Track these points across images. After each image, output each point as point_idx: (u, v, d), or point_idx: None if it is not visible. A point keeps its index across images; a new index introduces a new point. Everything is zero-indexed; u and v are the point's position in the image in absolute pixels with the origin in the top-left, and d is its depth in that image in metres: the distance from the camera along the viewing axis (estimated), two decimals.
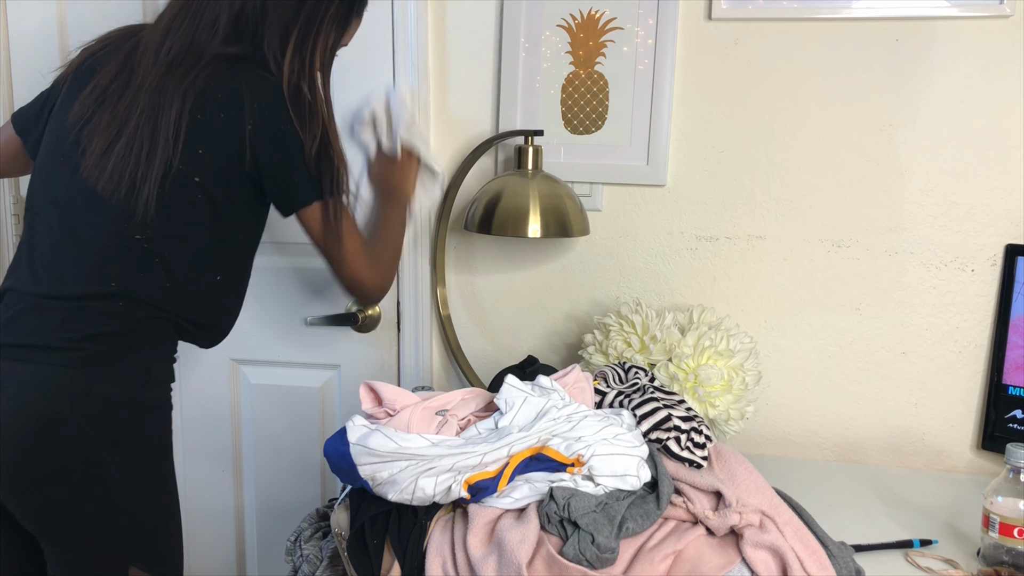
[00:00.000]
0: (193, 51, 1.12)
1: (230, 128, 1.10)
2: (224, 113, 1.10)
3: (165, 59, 1.12)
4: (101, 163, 1.10)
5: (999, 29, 1.34)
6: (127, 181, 1.09)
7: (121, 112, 1.11)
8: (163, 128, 1.08)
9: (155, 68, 1.12)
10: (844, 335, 1.45)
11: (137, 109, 1.10)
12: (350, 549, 0.94)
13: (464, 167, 1.51)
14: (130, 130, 1.09)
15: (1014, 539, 0.99)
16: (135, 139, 1.09)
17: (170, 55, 1.12)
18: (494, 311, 1.59)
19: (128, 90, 1.12)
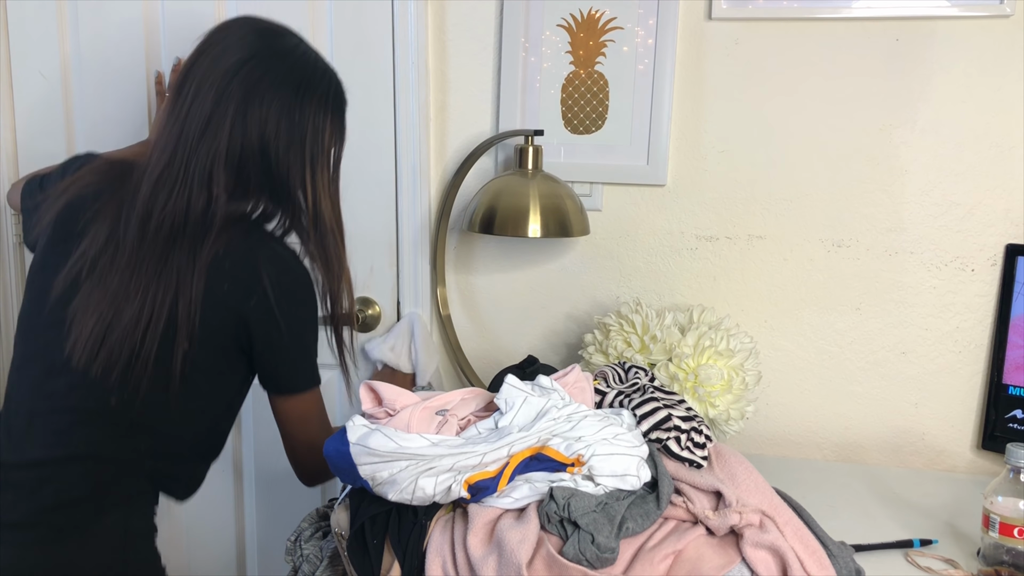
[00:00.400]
0: (193, 221, 1.02)
1: (232, 301, 1.03)
2: (228, 284, 1.03)
3: (160, 234, 1.02)
4: (90, 349, 1.01)
5: (999, 29, 1.34)
6: (119, 368, 1.01)
7: (112, 292, 1.01)
8: (180, 310, 1.00)
9: (149, 245, 1.02)
10: (844, 335, 1.45)
11: (136, 291, 1.01)
12: (350, 549, 0.94)
13: (464, 167, 1.51)
14: (129, 318, 1.00)
15: (1014, 539, 0.99)
16: (135, 328, 1.00)
17: (163, 229, 1.01)
18: (494, 311, 1.59)
19: (116, 266, 1.02)
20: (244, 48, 1.04)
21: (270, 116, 1.03)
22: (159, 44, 1.59)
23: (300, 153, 1.06)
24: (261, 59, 1.04)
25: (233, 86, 1.02)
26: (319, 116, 1.07)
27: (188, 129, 1.02)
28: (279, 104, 1.04)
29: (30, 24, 1.62)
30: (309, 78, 1.07)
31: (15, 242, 1.69)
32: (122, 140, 1.62)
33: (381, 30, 1.51)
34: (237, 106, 1.02)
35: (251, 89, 1.02)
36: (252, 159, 1.04)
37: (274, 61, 1.04)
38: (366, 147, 1.54)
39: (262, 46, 1.05)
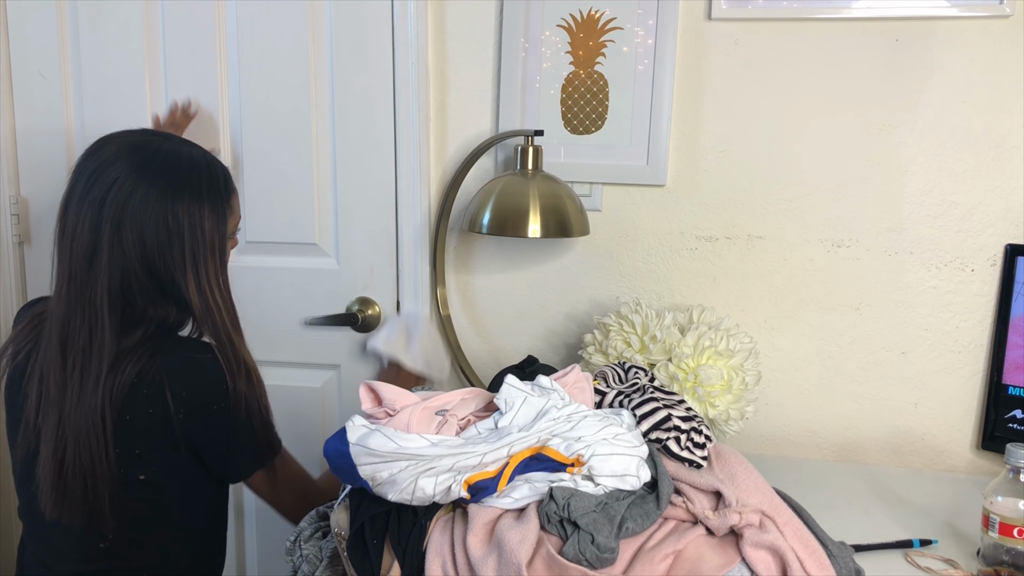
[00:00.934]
0: (97, 355, 1.06)
1: (161, 420, 1.08)
2: (152, 408, 1.07)
3: (74, 378, 1.06)
4: (56, 504, 1.07)
5: (999, 29, 1.34)
6: (84, 515, 1.07)
7: (54, 445, 1.06)
8: (97, 450, 1.05)
9: (69, 391, 1.06)
10: (844, 335, 1.45)
11: (68, 438, 1.05)
12: (350, 549, 0.94)
13: (464, 167, 1.51)
14: (70, 466, 1.05)
15: (1014, 539, 0.99)
16: (76, 472, 1.05)
17: (76, 372, 1.06)
18: (494, 311, 1.59)
19: (51, 418, 1.07)
20: (110, 172, 1.06)
21: (146, 233, 1.06)
22: (159, 44, 1.59)
23: (181, 255, 1.08)
24: (126, 178, 1.06)
25: (104, 214, 1.05)
26: (194, 212, 1.08)
27: (74, 267, 1.06)
28: (152, 217, 1.06)
29: (30, 24, 1.62)
30: (175, 178, 1.08)
31: (15, 242, 1.69)
32: None
33: (381, 31, 1.51)
34: (112, 233, 1.05)
35: (121, 212, 1.05)
36: (139, 279, 1.07)
37: (138, 176, 1.06)
38: (366, 147, 1.54)
39: (125, 165, 1.07)
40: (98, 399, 1.05)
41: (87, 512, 1.07)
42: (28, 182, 1.67)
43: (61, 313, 1.07)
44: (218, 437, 1.12)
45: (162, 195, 1.06)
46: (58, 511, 1.07)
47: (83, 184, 1.07)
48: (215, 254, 1.11)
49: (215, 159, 1.15)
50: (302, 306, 1.61)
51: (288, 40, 1.54)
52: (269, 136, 1.57)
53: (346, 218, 1.58)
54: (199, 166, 1.12)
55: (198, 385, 1.09)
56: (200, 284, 1.09)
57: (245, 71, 1.57)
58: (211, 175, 1.12)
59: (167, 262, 1.07)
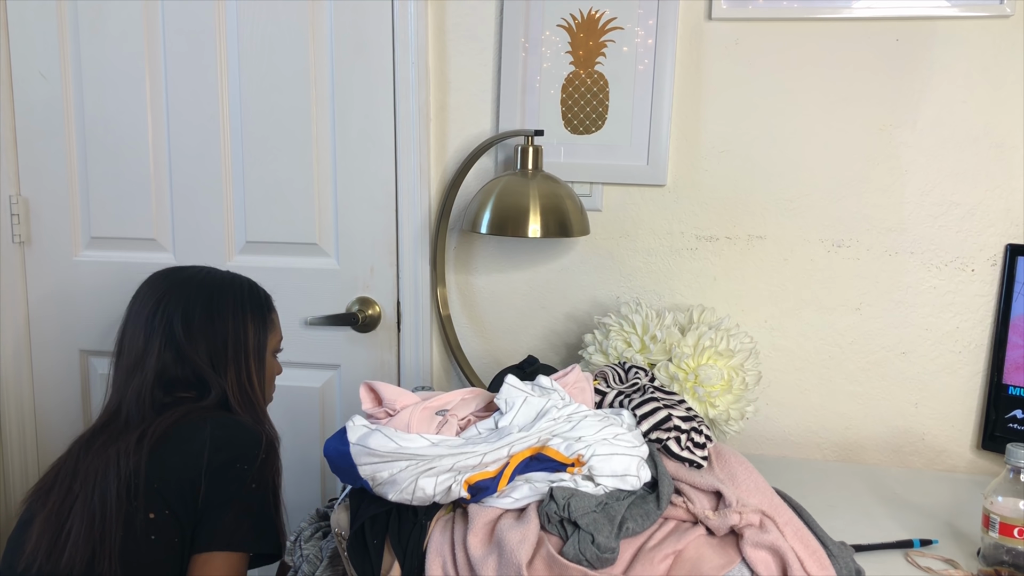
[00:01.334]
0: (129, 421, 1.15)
1: (188, 462, 1.09)
2: (185, 447, 1.10)
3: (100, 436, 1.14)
4: (53, 555, 1.06)
5: (999, 29, 1.34)
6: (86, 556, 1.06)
7: (58, 502, 1.09)
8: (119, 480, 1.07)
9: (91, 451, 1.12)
10: (844, 335, 1.45)
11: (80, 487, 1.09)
12: (350, 549, 0.94)
13: (464, 167, 1.51)
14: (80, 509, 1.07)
15: (1014, 539, 0.99)
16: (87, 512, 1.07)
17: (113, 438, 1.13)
18: (494, 311, 1.59)
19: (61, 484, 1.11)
20: (157, 291, 1.21)
21: (192, 335, 1.18)
22: (159, 44, 1.59)
23: (224, 356, 1.20)
24: (172, 291, 1.21)
25: (155, 322, 1.18)
26: (237, 318, 1.22)
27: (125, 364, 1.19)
28: (198, 322, 1.19)
29: (30, 24, 1.62)
30: (217, 289, 1.23)
31: (15, 242, 1.69)
32: (121, 140, 1.62)
33: (381, 30, 1.51)
34: (161, 337, 1.18)
35: (170, 318, 1.18)
36: (183, 375, 1.18)
37: (182, 289, 1.21)
38: (366, 147, 1.55)
39: (169, 283, 1.22)
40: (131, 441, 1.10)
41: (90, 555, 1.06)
42: (28, 182, 1.68)
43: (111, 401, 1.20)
44: (220, 494, 1.10)
45: (206, 304, 1.20)
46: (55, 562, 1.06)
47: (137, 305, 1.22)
48: (257, 358, 1.24)
49: (257, 283, 1.29)
50: (302, 306, 1.61)
51: (288, 40, 1.54)
52: (269, 136, 1.57)
53: (346, 218, 1.58)
54: (238, 281, 1.26)
55: (237, 437, 1.13)
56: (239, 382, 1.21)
57: (245, 71, 1.57)
58: (252, 290, 1.27)
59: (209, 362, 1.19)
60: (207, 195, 1.62)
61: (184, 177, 1.62)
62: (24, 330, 1.72)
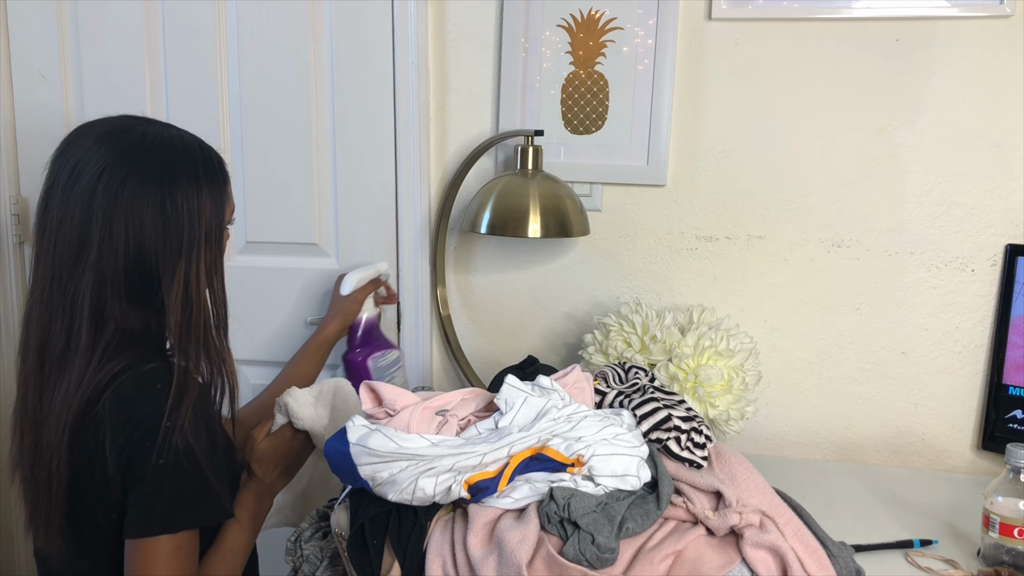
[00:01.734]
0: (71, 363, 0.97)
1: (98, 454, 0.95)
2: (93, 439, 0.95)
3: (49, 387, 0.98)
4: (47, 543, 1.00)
5: (999, 29, 1.34)
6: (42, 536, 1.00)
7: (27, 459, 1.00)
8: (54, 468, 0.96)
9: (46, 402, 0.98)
10: (844, 335, 1.45)
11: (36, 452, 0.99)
12: (350, 549, 0.94)
13: (464, 167, 1.51)
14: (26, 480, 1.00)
15: (1014, 539, 0.99)
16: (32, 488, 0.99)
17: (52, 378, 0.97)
18: (494, 311, 1.59)
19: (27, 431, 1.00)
20: (95, 160, 0.96)
21: (141, 221, 0.96)
22: (159, 44, 1.59)
23: (178, 244, 0.98)
24: (115, 165, 0.96)
25: (95, 205, 0.95)
26: (192, 197, 0.99)
27: (59, 266, 0.97)
28: (147, 203, 0.96)
29: (30, 24, 1.62)
30: (170, 161, 0.99)
31: (15, 242, 1.69)
32: None
33: (381, 31, 1.51)
34: (103, 224, 0.95)
35: (114, 200, 0.95)
36: (125, 276, 0.97)
37: (128, 161, 0.97)
38: (366, 147, 1.54)
39: (112, 151, 0.97)
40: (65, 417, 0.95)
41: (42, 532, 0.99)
42: (28, 182, 1.67)
43: (43, 317, 0.98)
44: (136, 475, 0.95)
45: (158, 180, 0.97)
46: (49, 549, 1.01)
47: (66, 176, 0.97)
48: (211, 244, 1.01)
49: (207, 144, 1.05)
50: (302, 306, 1.61)
51: (288, 40, 1.54)
52: (269, 136, 1.57)
53: (346, 218, 1.58)
54: (192, 148, 1.02)
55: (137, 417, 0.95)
56: (188, 278, 0.98)
57: (245, 71, 1.57)
58: (206, 157, 1.02)
59: (160, 253, 0.97)
60: None
61: None
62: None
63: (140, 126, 1.02)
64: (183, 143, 1.02)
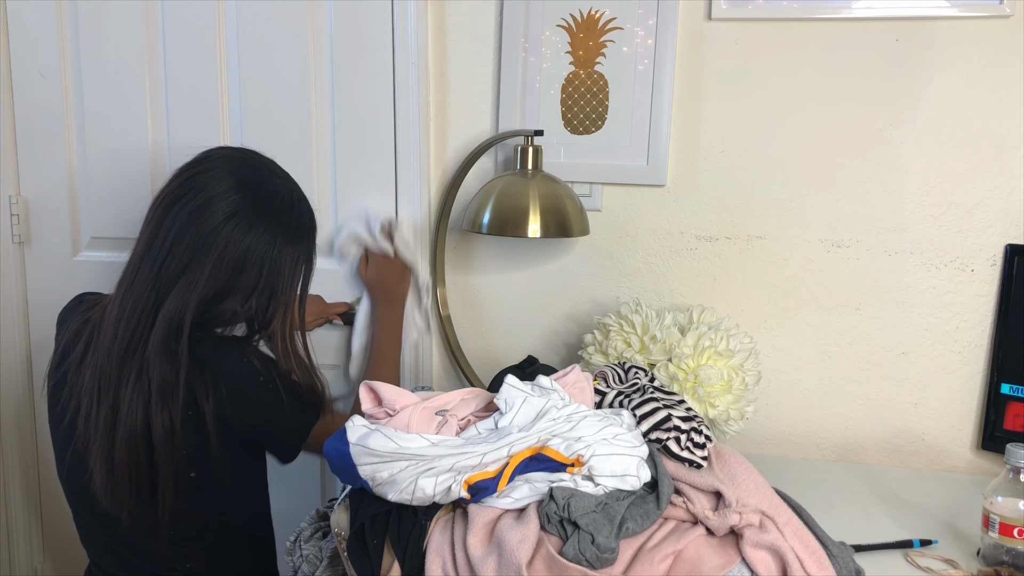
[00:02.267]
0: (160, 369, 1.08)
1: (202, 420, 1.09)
2: (192, 410, 1.09)
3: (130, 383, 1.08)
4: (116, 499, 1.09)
5: (999, 29, 1.34)
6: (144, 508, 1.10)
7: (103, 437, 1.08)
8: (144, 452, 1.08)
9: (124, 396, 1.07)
10: (844, 335, 1.45)
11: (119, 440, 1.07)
12: (350, 549, 0.94)
13: (464, 167, 1.51)
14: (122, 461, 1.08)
15: (1014, 539, 0.99)
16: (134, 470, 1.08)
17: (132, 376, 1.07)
18: (494, 311, 1.59)
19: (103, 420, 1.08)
20: (229, 204, 1.08)
21: (249, 265, 1.09)
22: (159, 44, 1.59)
23: (272, 291, 1.12)
24: (246, 216, 1.08)
25: (215, 242, 1.07)
26: (295, 253, 1.14)
27: (162, 279, 1.07)
28: (259, 253, 1.09)
29: (30, 24, 1.62)
30: (291, 222, 1.13)
31: (15, 242, 1.69)
32: (121, 140, 1.62)
33: (381, 30, 1.51)
34: (215, 262, 1.07)
35: (232, 246, 1.07)
36: (225, 301, 1.10)
37: (258, 214, 1.09)
38: (366, 147, 1.54)
39: (248, 201, 1.09)
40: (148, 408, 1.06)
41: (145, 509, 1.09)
42: (28, 182, 1.68)
43: (134, 317, 1.07)
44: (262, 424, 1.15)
45: (273, 240, 1.10)
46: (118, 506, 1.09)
47: (197, 203, 1.07)
48: (299, 302, 1.17)
49: (309, 203, 1.19)
50: None
51: (288, 40, 1.54)
52: (269, 136, 1.57)
53: (346, 218, 1.57)
54: (307, 215, 1.17)
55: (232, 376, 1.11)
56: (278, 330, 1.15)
57: (245, 71, 1.57)
58: (312, 224, 1.18)
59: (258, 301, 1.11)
60: None
61: None
62: (24, 330, 1.72)
63: (271, 182, 1.14)
64: (300, 207, 1.16)
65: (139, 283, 1.08)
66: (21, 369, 1.73)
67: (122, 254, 1.66)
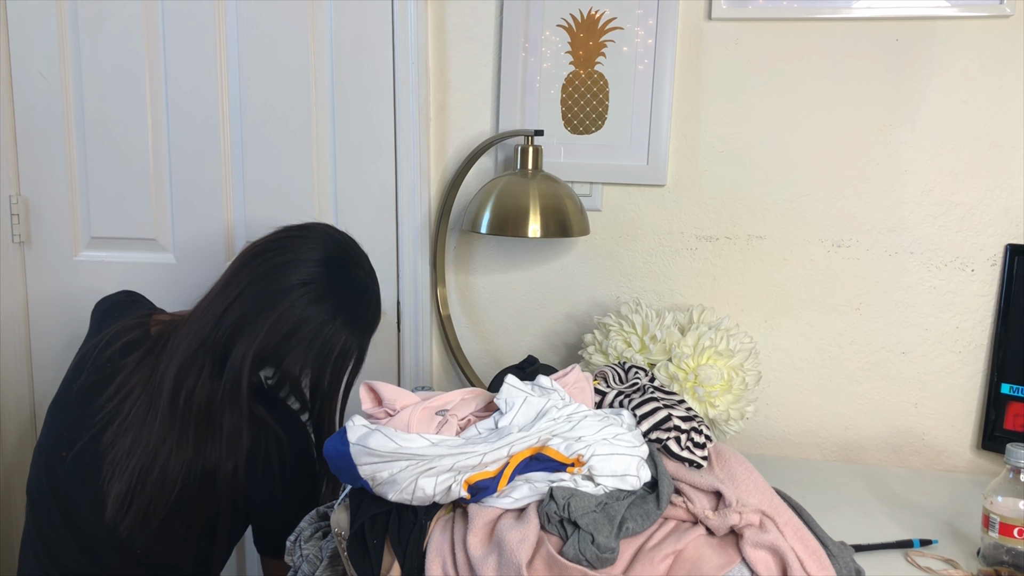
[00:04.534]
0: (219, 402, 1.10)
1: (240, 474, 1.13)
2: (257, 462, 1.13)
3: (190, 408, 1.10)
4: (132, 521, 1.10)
5: (999, 29, 1.34)
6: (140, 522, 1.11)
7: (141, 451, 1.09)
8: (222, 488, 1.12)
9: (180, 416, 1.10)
10: (844, 335, 1.45)
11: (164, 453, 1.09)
12: (350, 549, 0.94)
13: (464, 167, 1.51)
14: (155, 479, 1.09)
15: (1014, 539, 0.99)
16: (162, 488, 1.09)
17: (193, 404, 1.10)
18: (494, 311, 1.59)
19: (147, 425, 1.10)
20: (308, 272, 1.12)
21: (301, 333, 1.11)
22: (159, 44, 1.59)
23: (321, 373, 1.16)
24: (318, 289, 1.12)
25: (284, 303, 1.10)
26: (349, 341, 1.15)
27: (226, 319, 1.10)
28: (315, 326, 1.11)
29: (30, 24, 1.62)
30: (354, 311, 1.16)
31: (15, 242, 1.69)
32: (121, 140, 1.62)
33: (381, 30, 1.51)
34: (275, 319, 1.09)
35: (293, 308, 1.10)
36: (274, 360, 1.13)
37: (329, 294, 1.13)
38: (366, 147, 1.54)
39: (326, 277, 1.13)
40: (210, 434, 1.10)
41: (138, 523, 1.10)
42: (28, 182, 1.68)
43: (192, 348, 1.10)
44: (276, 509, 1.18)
45: (335, 317, 1.13)
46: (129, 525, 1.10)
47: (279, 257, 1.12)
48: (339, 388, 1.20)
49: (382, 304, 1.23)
50: None
51: (288, 40, 1.54)
52: (269, 136, 1.57)
53: (346, 218, 1.58)
54: (374, 307, 1.20)
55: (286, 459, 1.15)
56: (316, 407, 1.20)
57: (245, 71, 1.57)
58: (375, 321, 1.21)
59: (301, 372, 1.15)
60: (207, 195, 1.62)
61: (184, 177, 1.62)
62: (24, 330, 1.72)
63: (354, 270, 1.18)
64: (370, 302, 1.19)
65: (202, 318, 1.12)
66: (22, 369, 1.73)
67: (123, 254, 1.67)
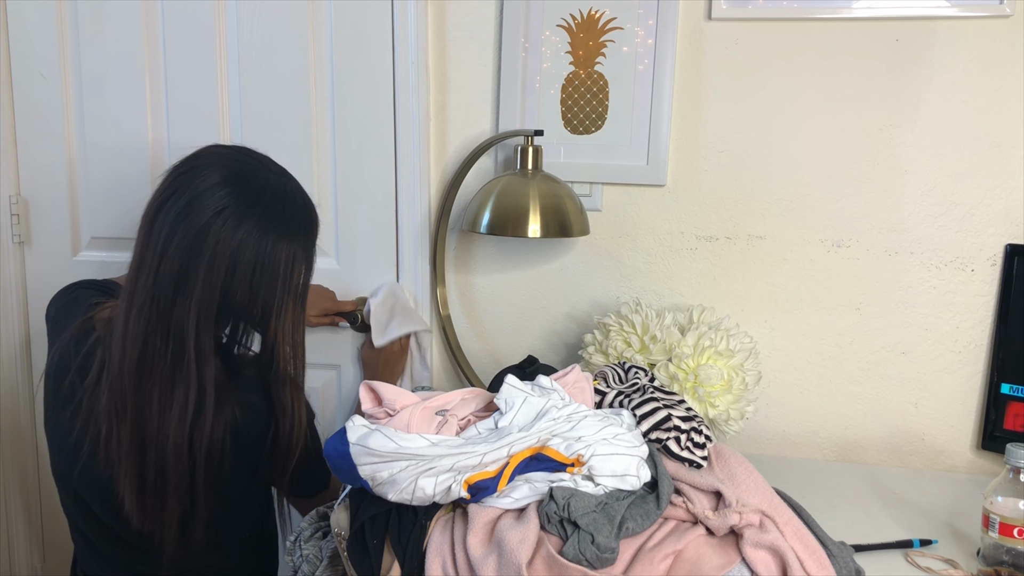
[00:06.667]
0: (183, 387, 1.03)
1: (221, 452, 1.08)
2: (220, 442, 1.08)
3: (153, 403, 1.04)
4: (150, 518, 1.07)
5: (999, 29, 1.34)
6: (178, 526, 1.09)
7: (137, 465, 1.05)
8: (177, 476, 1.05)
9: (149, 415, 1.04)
10: (844, 335, 1.45)
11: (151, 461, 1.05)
12: (350, 549, 0.94)
13: (464, 167, 1.51)
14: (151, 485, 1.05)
15: (1014, 539, 0.99)
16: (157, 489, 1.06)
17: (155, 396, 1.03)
18: (494, 311, 1.59)
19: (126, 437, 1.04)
20: (214, 197, 1.02)
21: (241, 270, 1.02)
22: (159, 44, 1.59)
23: (272, 296, 1.06)
24: (232, 212, 1.02)
25: (205, 245, 1.00)
26: (291, 257, 1.06)
27: (160, 289, 1.01)
28: (253, 256, 1.03)
29: (30, 24, 1.62)
30: (281, 217, 1.06)
31: (15, 242, 1.69)
32: (121, 140, 1.62)
33: (381, 31, 1.51)
34: (207, 264, 1.01)
35: (222, 245, 1.01)
36: (221, 313, 1.04)
37: (246, 209, 1.03)
38: (366, 147, 1.54)
39: (232, 195, 1.03)
40: (184, 433, 1.03)
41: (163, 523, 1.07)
42: (28, 182, 1.68)
43: (139, 332, 1.02)
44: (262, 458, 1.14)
45: (265, 235, 1.03)
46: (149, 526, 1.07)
47: (184, 202, 1.01)
48: (298, 301, 1.09)
49: (310, 200, 1.13)
50: None
51: (288, 40, 1.54)
52: (269, 136, 1.57)
53: (346, 218, 1.58)
54: (303, 209, 1.10)
55: (252, 425, 1.10)
56: (279, 330, 1.08)
57: (245, 71, 1.57)
58: (309, 219, 1.11)
59: (255, 302, 1.05)
60: None
61: None
62: (23, 330, 1.72)
63: (261, 175, 1.07)
64: (294, 203, 1.09)
65: (138, 296, 1.02)
66: (21, 369, 1.73)
67: (123, 254, 1.67)
